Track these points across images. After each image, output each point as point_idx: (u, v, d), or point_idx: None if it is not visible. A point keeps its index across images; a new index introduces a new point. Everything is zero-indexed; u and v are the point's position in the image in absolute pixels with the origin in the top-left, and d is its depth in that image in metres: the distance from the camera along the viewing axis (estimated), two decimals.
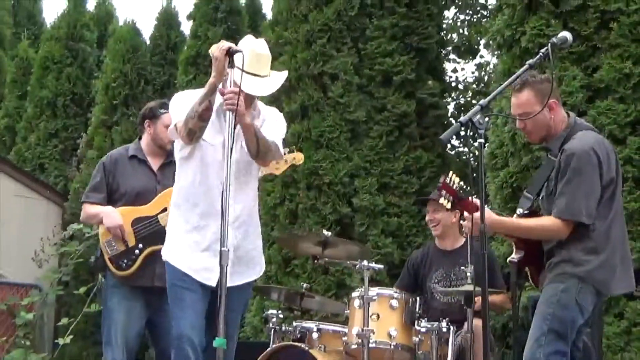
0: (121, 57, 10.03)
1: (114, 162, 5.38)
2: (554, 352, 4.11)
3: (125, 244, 5.19)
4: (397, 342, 5.22)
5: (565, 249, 4.19)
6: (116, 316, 5.29)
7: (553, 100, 4.27)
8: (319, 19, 8.21)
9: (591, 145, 4.15)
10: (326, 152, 7.92)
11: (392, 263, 7.53)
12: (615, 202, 4.20)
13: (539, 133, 4.36)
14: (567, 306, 4.10)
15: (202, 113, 4.08)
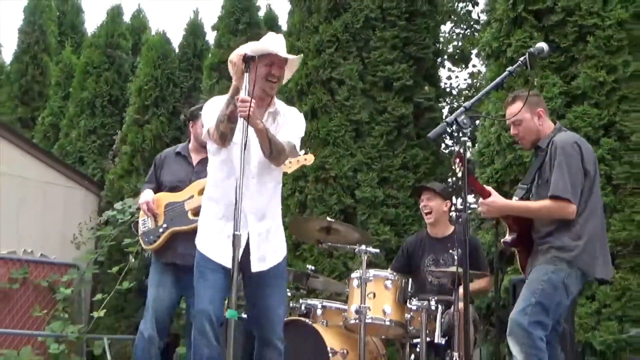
0: (152, 63, 10.05)
1: (163, 159, 5.75)
2: (536, 322, 4.19)
3: (155, 222, 5.46)
4: (390, 319, 5.25)
5: (554, 237, 4.31)
6: (150, 289, 5.47)
7: (541, 109, 4.53)
8: (328, 31, 8.24)
9: (575, 139, 4.39)
10: (332, 149, 7.94)
11: (390, 249, 7.53)
12: (593, 195, 4.33)
13: (530, 137, 4.56)
14: (556, 286, 4.21)
15: (230, 115, 4.10)
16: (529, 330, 4.17)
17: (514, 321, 4.26)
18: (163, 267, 5.44)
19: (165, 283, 5.42)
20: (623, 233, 6.05)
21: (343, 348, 5.33)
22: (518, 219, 4.48)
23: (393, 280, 5.35)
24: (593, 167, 4.39)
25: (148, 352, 5.36)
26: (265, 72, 4.22)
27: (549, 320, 4.24)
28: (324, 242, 5.68)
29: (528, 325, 4.18)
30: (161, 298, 5.42)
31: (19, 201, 9.06)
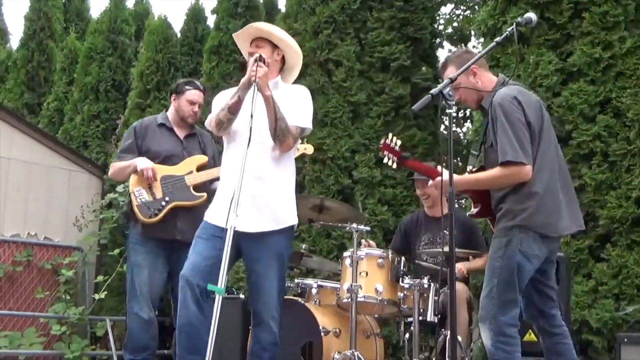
0: (154, 47, 9.86)
1: (145, 127, 5.40)
2: (503, 303, 3.93)
3: (153, 194, 5.14)
4: (383, 297, 5.12)
5: (504, 202, 4.00)
6: (141, 271, 5.20)
7: (474, 66, 4.09)
8: (325, 12, 8.04)
9: (513, 94, 3.98)
10: (330, 130, 7.76)
11: (388, 229, 7.38)
12: (540, 149, 3.97)
13: (472, 98, 4.23)
14: (512, 256, 3.90)
15: (231, 106, 4.11)
16: (496, 316, 3.94)
17: (482, 308, 4.04)
18: (154, 245, 5.19)
19: (158, 264, 5.22)
20: (619, 210, 5.86)
21: (335, 327, 5.19)
22: (476, 190, 4.24)
23: (386, 259, 5.20)
24: (538, 121, 4.00)
25: (147, 332, 5.21)
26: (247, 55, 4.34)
27: (516, 295, 3.96)
28: (316, 221, 5.51)
29: (496, 312, 3.94)
30: (156, 279, 5.23)
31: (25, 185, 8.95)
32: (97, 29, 11.09)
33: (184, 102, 5.38)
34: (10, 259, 8.57)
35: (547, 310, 4.19)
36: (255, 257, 4.23)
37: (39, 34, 12.21)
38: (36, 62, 12.11)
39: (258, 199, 4.18)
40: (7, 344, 7.96)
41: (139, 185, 5.17)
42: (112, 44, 10.92)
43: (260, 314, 4.24)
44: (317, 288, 5.62)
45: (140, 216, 5.14)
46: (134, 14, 11.72)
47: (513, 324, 3.96)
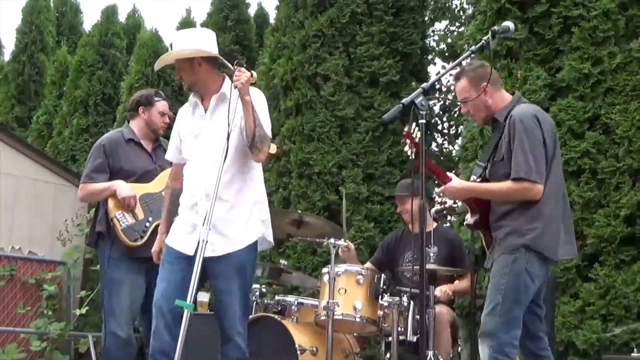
0: (144, 60, 9.79)
1: (114, 145, 5.15)
2: (507, 322, 3.85)
3: (134, 216, 4.98)
4: (362, 315, 4.97)
5: (510, 220, 3.93)
6: (121, 288, 5.00)
7: (485, 83, 4.04)
8: (314, 26, 7.95)
9: (533, 112, 3.96)
10: (317, 144, 7.65)
11: (374, 245, 7.22)
12: (551, 173, 3.94)
13: (480, 114, 4.18)
14: (519, 275, 3.84)
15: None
16: (498, 334, 3.84)
17: (484, 324, 3.93)
18: (134, 262, 5.00)
19: (138, 281, 5.05)
20: (608, 229, 5.72)
21: (313, 345, 5.04)
22: (479, 200, 4.13)
23: (365, 276, 5.05)
24: (552, 143, 3.98)
25: (124, 352, 5.03)
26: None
27: (521, 313, 3.89)
28: (294, 236, 5.37)
29: (498, 329, 3.85)
30: (136, 297, 5.06)
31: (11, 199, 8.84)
32: (88, 42, 11.05)
33: (155, 114, 5.20)
34: None
35: (536, 332, 4.11)
36: (217, 274, 4.10)
37: (30, 47, 12.18)
38: (27, 76, 12.06)
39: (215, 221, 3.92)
40: None
41: (119, 209, 4.97)
42: (102, 57, 10.87)
43: (226, 330, 4.10)
44: (297, 305, 5.46)
45: (127, 240, 4.93)
46: (125, 27, 11.67)
47: (514, 344, 3.88)
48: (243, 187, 4.15)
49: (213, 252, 3.97)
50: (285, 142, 7.63)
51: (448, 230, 6.17)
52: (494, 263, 3.99)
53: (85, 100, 10.63)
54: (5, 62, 12.98)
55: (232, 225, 4.08)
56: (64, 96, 10.98)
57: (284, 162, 7.76)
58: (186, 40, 4.24)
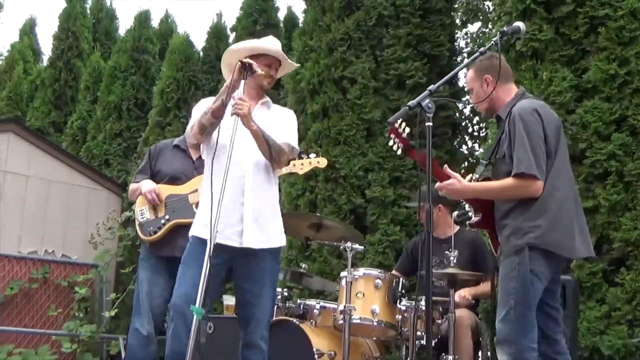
0: (175, 65, 9.90)
1: (159, 150, 5.45)
2: (522, 325, 3.79)
3: (155, 213, 5.15)
4: (379, 319, 4.95)
5: (509, 218, 3.87)
6: (143, 286, 5.20)
7: (488, 75, 4.04)
8: (341, 29, 7.94)
9: (534, 107, 3.89)
10: (343, 148, 7.62)
11: (400, 249, 7.18)
12: (554, 166, 3.87)
13: (482, 105, 4.15)
14: (525, 277, 3.77)
15: (215, 110, 3.96)
16: (516, 340, 3.78)
17: (499, 331, 3.87)
18: (157, 262, 5.16)
19: (158, 281, 5.16)
20: (634, 232, 5.59)
21: (331, 349, 5.03)
22: (480, 200, 4.09)
23: (383, 280, 5.03)
24: (555, 137, 3.90)
25: (145, 349, 5.12)
26: (264, 73, 4.18)
27: (534, 315, 3.82)
28: (313, 240, 5.37)
29: (516, 335, 3.79)
30: (156, 295, 5.17)
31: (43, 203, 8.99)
32: (122, 48, 11.18)
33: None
34: (27, 276, 8.60)
35: (552, 335, 4.02)
36: (248, 275, 4.11)
37: (66, 53, 12.37)
38: (63, 81, 12.25)
39: (256, 213, 4.10)
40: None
41: (143, 205, 5.21)
42: (135, 62, 10.99)
43: (251, 333, 4.12)
44: (319, 309, 5.46)
45: (141, 235, 5.19)
46: (158, 32, 11.79)
47: (534, 347, 3.81)
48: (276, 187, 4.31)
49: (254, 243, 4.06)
50: (312, 145, 7.63)
51: (470, 233, 6.11)
52: (501, 265, 3.94)
53: (119, 105, 10.77)
54: (42, 68, 13.19)
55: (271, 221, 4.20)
56: (98, 101, 11.14)
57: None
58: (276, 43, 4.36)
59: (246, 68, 3.92)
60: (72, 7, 12.52)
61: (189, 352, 3.47)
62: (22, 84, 12.74)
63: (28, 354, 8.11)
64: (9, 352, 8.00)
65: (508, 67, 4.25)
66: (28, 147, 8.99)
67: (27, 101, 12.61)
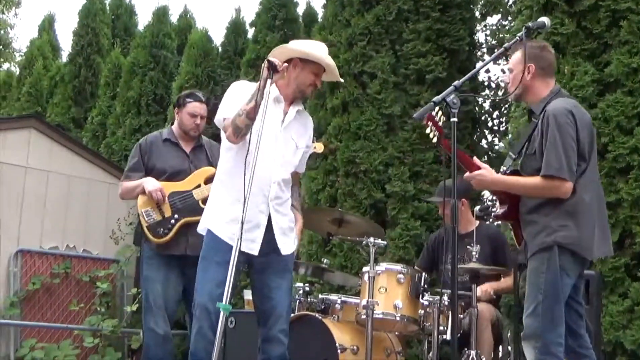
0: (194, 61, 9.93)
1: (150, 144, 5.32)
2: (550, 320, 3.81)
3: (162, 213, 5.08)
4: (402, 314, 4.97)
5: (541, 215, 3.89)
6: (155, 286, 5.14)
7: (532, 64, 4.04)
8: (360, 24, 7.94)
9: (569, 108, 3.89)
10: (363, 143, 7.64)
11: (421, 244, 7.18)
12: (589, 168, 3.90)
13: (513, 89, 4.12)
14: (555, 272, 3.80)
15: (249, 111, 3.94)
16: (544, 334, 3.81)
17: (527, 326, 3.90)
18: (167, 260, 5.13)
19: (171, 278, 5.16)
20: None
21: (353, 344, 5.06)
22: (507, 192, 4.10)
23: (405, 275, 5.05)
24: (588, 138, 3.92)
25: (163, 348, 5.14)
26: (310, 81, 4.23)
27: (562, 311, 3.85)
28: (335, 235, 5.39)
29: (544, 329, 3.81)
30: (170, 293, 5.16)
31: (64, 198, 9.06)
32: (140, 44, 11.22)
33: (185, 116, 5.32)
34: (48, 271, 8.67)
35: (577, 329, 4.05)
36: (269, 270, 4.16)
37: (86, 49, 12.43)
38: (83, 77, 12.32)
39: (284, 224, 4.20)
40: (42, 356, 8.04)
41: (147, 206, 5.10)
42: (154, 58, 11.03)
43: (271, 327, 4.15)
44: (340, 304, 5.49)
45: (151, 237, 5.08)
46: (177, 28, 11.83)
47: (560, 342, 3.84)
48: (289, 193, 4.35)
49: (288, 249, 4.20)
50: (332, 140, 7.65)
51: (491, 228, 6.11)
52: (529, 261, 3.96)
53: (138, 101, 10.80)
54: (62, 64, 13.26)
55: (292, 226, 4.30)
56: (117, 97, 11.18)
57: (330, 160, 7.77)
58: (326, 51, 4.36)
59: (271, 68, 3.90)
60: (92, 3, 12.58)
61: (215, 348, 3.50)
62: (42, 80, 12.81)
63: (50, 348, 8.17)
64: (32, 347, 8.07)
65: (553, 63, 4.26)
66: (49, 143, 9.04)
67: (47, 97, 12.68)
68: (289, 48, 4.26)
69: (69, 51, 12.74)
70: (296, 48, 4.25)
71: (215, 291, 3.94)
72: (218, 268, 3.97)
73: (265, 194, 4.09)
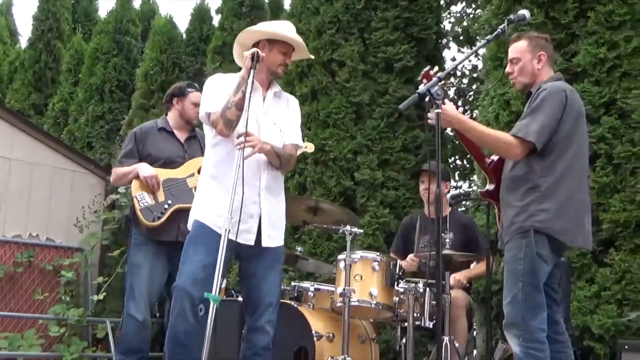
0: (159, 47, 9.83)
1: (145, 133, 5.40)
2: (531, 306, 3.84)
3: (155, 198, 5.14)
4: (377, 301, 5.02)
5: (519, 197, 3.89)
6: (141, 271, 5.18)
7: (543, 52, 4.07)
8: (329, 12, 7.97)
9: (564, 88, 3.91)
10: (332, 131, 7.67)
11: (390, 231, 7.26)
12: (570, 152, 3.90)
13: (523, 79, 4.13)
14: (533, 259, 3.82)
15: (237, 102, 3.95)
16: (526, 321, 3.83)
17: (508, 314, 3.92)
18: (156, 246, 5.17)
19: (158, 264, 5.20)
20: (623, 214, 5.71)
21: (329, 332, 5.09)
22: (498, 170, 4.13)
23: (380, 262, 5.10)
24: (572, 123, 3.92)
25: (141, 335, 5.15)
26: (280, 60, 4.20)
27: (542, 297, 3.89)
28: (311, 223, 5.41)
29: (525, 316, 3.84)
30: (155, 280, 5.19)
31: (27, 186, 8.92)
32: (104, 30, 11.09)
33: (188, 105, 5.41)
34: (11, 260, 8.53)
35: (552, 316, 4.08)
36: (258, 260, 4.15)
37: (46, 34, 12.24)
38: (43, 63, 12.13)
39: (273, 215, 4.19)
40: (6, 346, 7.91)
41: (141, 190, 5.18)
42: (117, 44, 10.91)
43: (259, 317, 4.15)
44: (313, 291, 5.52)
45: (144, 220, 5.12)
46: (140, 14, 11.70)
47: (543, 328, 3.86)
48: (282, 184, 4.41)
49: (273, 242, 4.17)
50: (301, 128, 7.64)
51: (463, 215, 6.19)
52: (506, 247, 3.99)
53: (101, 88, 10.68)
54: (21, 49, 13.03)
55: (282, 218, 4.29)
56: (80, 83, 11.04)
57: None
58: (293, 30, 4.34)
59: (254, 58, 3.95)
60: None
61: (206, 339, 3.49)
62: (1, 66, 12.58)
63: (14, 338, 8.05)
64: None
65: (553, 54, 4.33)
66: (11, 129, 8.89)
67: (6, 83, 12.46)
68: (255, 30, 4.25)
69: (29, 36, 12.54)
70: (262, 29, 4.24)
71: (200, 273, 3.93)
72: (206, 253, 3.95)
73: (257, 183, 4.09)
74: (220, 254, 3.61)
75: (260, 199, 4.11)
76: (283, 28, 4.27)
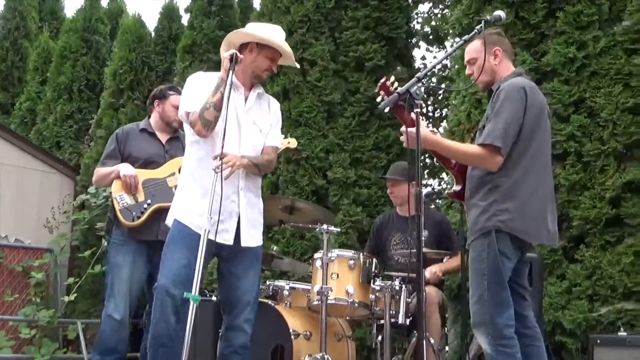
0: (127, 46, 9.75)
1: (126, 134, 5.40)
2: (497, 304, 3.84)
3: (135, 198, 5.13)
4: (354, 299, 5.02)
5: (481, 198, 3.90)
6: (121, 271, 5.17)
7: (498, 48, 4.07)
8: (300, 11, 7.96)
9: (523, 85, 3.90)
10: (304, 130, 7.67)
11: (362, 229, 7.30)
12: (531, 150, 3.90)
13: (483, 78, 4.11)
14: (496, 257, 3.82)
15: (216, 103, 3.96)
16: (493, 319, 3.83)
17: (475, 313, 3.93)
18: (137, 246, 5.16)
19: (139, 264, 5.19)
20: (593, 211, 5.80)
21: (306, 330, 5.10)
22: (464, 171, 4.13)
23: (357, 261, 5.11)
24: (534, 119, 3.91)
25: (118, 334, 5.13)
26: (266, 66, 4.21)
27: (508, 294, 3.88)
28: (287, 222, 5.42)
29: (492, 315, 3.83)
30: (135, 279, 5.18)
31: None
32: (72, 28, 10.98)
33: (169, 107, 5.41)
34: None
35: (520, 311, 4.08)
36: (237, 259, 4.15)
37: (13, 33, 12.09)
38: (10, 62, 11.99)
39: (252, 214, 4.20)
40: None
41: (121, 190, 5.17)
42: (86, 43, 10.80)
43: (237, 316, 4.14)
44: (289, 290, 5.51)
45: (124, 220, 5.11)
46: (108, 12, 11.59)
47: (510, 324, 3.86)
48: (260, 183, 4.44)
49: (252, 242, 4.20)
50: None
51: (436, 212, 6.23)
52: (470, 247, 4.00)
53: (70, 87, 10.57)
54: None
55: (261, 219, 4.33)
56: (48, 82, 10.91)
57: None
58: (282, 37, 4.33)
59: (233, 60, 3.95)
60: None
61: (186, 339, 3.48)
62: None
63: None
64: None
65: (510, 46, 4.32)
66: None
67: None
68: (246, 33, 4.23)
69: None
70: (254, 33, 4.21)
71: (181, 272, 3.93)
72: (186, 252, 3.96)
73: (235, 183, 4.08)
74: (200, 254, 3.61)
75: (239, 199, 4.12)
76: (275, 34, 4.26)
